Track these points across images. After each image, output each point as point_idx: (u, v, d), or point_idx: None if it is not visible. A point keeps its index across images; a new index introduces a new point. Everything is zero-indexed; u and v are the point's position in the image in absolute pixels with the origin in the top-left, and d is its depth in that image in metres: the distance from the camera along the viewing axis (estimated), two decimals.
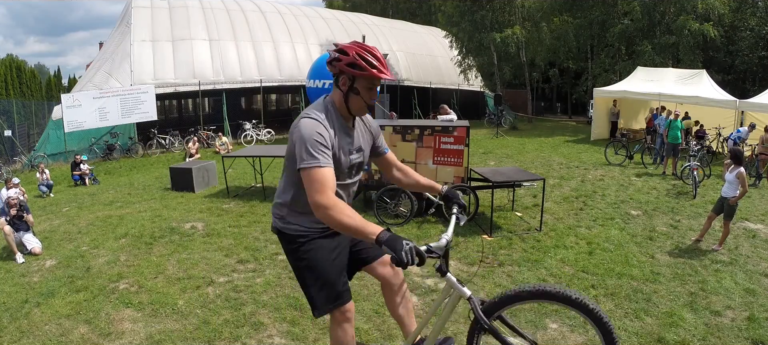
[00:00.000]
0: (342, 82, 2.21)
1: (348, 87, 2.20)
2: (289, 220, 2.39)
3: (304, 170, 2.07)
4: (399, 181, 2.68)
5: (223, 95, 18.90)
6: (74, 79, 35.27)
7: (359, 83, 2.19)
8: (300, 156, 2.07)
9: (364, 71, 2.14)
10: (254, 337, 4.03)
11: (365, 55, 2.15)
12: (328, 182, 2.05)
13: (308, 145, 2.07)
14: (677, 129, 10.95)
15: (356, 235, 2.04)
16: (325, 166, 2.07)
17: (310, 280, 2.39)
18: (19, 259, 6.04)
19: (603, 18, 22.78)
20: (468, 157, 7.40)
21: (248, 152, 10.18)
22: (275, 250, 6.07)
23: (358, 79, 2.18)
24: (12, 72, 26.96)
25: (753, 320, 4.29)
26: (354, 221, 1.99)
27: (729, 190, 6.17)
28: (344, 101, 2.24)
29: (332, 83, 2.31)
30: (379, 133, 2.54)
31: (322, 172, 2.05)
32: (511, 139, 18.21)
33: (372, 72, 2.14)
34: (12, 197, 6.74)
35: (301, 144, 2.08)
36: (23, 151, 16.19)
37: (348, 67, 2.15)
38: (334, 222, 2.00)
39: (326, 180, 2.05)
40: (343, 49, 2.19)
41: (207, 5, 20.24)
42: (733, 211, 6.22)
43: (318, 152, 2.07)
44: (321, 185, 2.03)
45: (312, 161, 2.05)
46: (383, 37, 25.31)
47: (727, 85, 19.90)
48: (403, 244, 1.91)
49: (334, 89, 2.28)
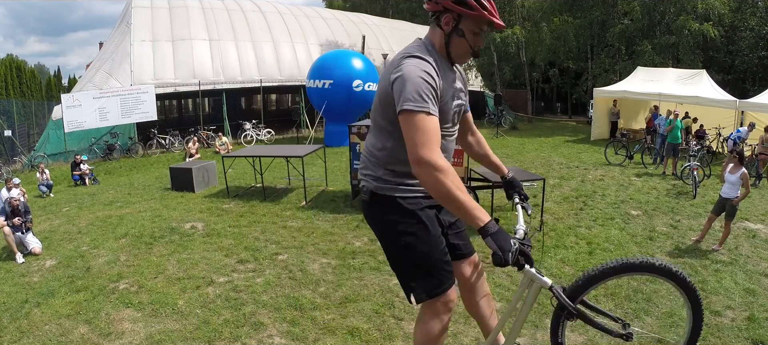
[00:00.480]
0: (445, 20, 1.89)
1: (452, 27, 1.89)
2: (388, 179, 1.94)
3: (408, 113, 1.69)
4: (470, 148, 2.40)
5: (223, 95, 18.90)
6: (74, 79, 35.28)
7: (465, 24, 1.88)
8: (404, 96, 1.71)
9: (473, 10, 1.84)
10: (254, 337, 4.03)
11: None
12: (436, 135, 1.71)
13: (418, 86, 1.71)
14: (677, 129, 10.95)
15: (460, 214, 1.71)
16: (433, 114, 1.72)
17: (414, 260, 1.96)
18: (19, 259, 6.04)
19: (603, 18, 22.77)
20: (468, 157, 7.40)
21: (248, 152, 10.18)
22: (275, 250, 6.08)
23: (465, 19, 1.87)
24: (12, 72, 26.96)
25: (753, 320, 4.29)
26: (465, 197, 1.67)
27: (730, 191, 6.17)
28: (445, 43, 1.92)
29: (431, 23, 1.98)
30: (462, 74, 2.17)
31: (430, 119, 1.70)
32: (511, 139, 18.21)
33: (483, 13, 1.84)
34: (14, 198, 6.69)
35: (406, 83, 1.72)
36: (23, 151, 16.20)
37: (454, 4, 1.84)
38: (441, 189, 1.64)
39: (434, 131, 1.70)
40: None
41: (207, 5, 20.23)
42: (735, 211, 6.23)
43: (427, 97, 1.72)
44: (427, 137, 1.67)
45: (421, 104, 1.70)
46: (383, 37, 25.31)
47: (727, 85, 19.89)
48: (512, 243, 1.68)
49: (431, 28, 1.98)
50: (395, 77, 1.79)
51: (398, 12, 37.15)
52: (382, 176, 1.97)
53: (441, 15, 1.90)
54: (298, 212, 7.89)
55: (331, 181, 10.12)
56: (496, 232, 1.68)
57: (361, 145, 7.65)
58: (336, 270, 5.40)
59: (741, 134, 12.08)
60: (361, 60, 16.87)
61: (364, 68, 16.41)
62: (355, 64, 16.34)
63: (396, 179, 1.97)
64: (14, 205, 6.50)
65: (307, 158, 10.48)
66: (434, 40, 1.95)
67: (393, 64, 1.86)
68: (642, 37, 20.91)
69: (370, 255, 5.84)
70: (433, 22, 1.96)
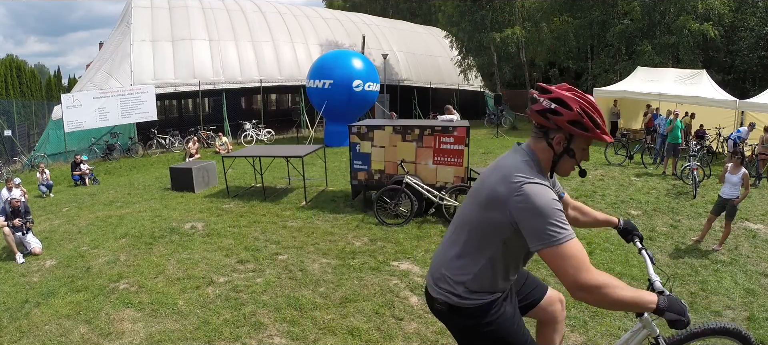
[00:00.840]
0: (556, 140, 1.82)
1: (563, 148, 1.84)
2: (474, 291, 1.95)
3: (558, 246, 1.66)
4: (576, 221, 2.40)
5: (223, 95, 18.90)
6: (74, 79, 35.27)
7: (577, 143, 1.84)
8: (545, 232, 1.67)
9: (589, 132, 1.80)
10: (254, 337, 4.03)
11: (590, 111, 1.80)
12: (586, 257, 1.70)
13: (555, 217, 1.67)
14: (677, 129, 10.95)
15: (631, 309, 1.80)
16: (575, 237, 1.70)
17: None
18: (19, 260, 6.05)
19: (603, 18, 22.77)
20: (468, 157, 7.40)
21: (248, 152, 10.18)
22: (275, 250, 6.08)
23: (577, 139, 1.83)
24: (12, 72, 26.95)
25: (753, 320, 4.29)
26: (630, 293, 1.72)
27: (731, 191, 6.18)
28: (552, 161, 1.86)
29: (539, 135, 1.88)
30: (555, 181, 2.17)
31: (577, 245, 1.68)
32: (511, 139, 18.22)
33: (597, 133, 1.80)
34: (15, 198, 6.67)
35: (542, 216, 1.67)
36: (23, 151, 16.19)
37: (569, 125, 1.78)
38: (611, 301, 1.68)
39: (584, 255, 1.69)
40: (564, 101, 1.78)
41: (207, 5, 20.24)
42: (735, 212, 6.24)
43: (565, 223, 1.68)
44: (581, 261, 1.66)
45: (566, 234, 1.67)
46: (383, 37, 25.32)
47: (727, 85, 19.89)
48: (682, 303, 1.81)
49: (536, 140, 1.87)
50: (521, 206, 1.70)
51: (398, 12, 37.16)
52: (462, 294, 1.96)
53: (551, 132, 1.83)
54: (298, 212, 7.89)
55: (331, 181, 10.12)
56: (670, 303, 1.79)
57: (361, 145, 7.65)
58: (336, 270, 5.40)
59: (741, 134, 12.07)
60: (361, 60, 16.87)
61: (364, 68, 16.41)
62: (355, 64, 16.34)
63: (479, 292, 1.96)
64: (15, 206, 6.50)
65: (307, 158, 10.48)
66: (540, 156, 1.86)
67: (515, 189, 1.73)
68: (642, 37, 20.91)
69: (370, 255, 5.84)
70: (539, 135, 1.86)
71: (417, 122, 9.33)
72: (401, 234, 6.60)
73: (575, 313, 4.41)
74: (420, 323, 4.19)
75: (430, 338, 4.00)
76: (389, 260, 5.71)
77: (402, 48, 25.62)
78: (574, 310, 4.46)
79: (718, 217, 6.31)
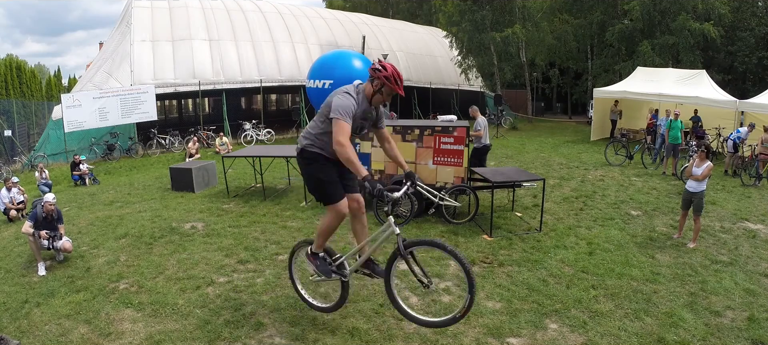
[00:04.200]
0: (375, 83, 3.46)
1: (377, 88, 3.47)
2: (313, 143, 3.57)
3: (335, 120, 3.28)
4: (385, 150, 3.81)
5: (223, 95, 18.89)
6: (74, 79, 35.26)
7: (384, 89, 3.47)
8: (336, 110, 3.29)
9: (390, 83, 3.43)
10: (254, 337, 4.03)
11: (395, 75, 3.43)
12: (347, 130, 3.30)
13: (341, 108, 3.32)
14: (677, 129, 10.94)
15: (351, 167, 3.26)
16: (347, 121, 3.31)
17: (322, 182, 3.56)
18: (40, 271, 5.56)
19: (603, 18, 22.76)
20: (468, 158, 7.40)
21: (248, 152, 10.18)
22: (275, 251, 6.08)
23: (385, 87, 3.45)
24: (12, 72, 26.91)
25: (753, 320, 4.29)
26: (354, 158, 3.24)
27: (697, 186, 6.22)
28: (371, 93, 3.50)
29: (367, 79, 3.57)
30: (383, 116, 3.76)
31: (345, 124, 3.30)
32: (511, 139, 18.21)
33: (394, 86, 3.44)
34: (49, 202, 5.95)
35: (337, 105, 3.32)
36: (23, 151, 16.20)
37: (384, 78, 3.41)
38: (343, 155, 3.23)
39: (347, 129, 3.30)
40: (385, 66, 3.45)
41: (207, 5, 20.22)
42: (702, 206, 6.29)
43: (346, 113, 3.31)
44: (343, 131, 3.27)
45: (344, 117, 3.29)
46: (383, 38, 25.30)
47: (727, 85, 19.86)
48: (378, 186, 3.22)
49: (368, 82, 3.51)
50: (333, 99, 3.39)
51: (398, 12, 37.16)
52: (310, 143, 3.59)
53: (374, 79, 3.46)
54: (298, 212, 7.89)
55: None
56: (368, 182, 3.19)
57: (361, 145, 7.65)
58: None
59: (741, 134, 12.06)
60: (361, 60, 16.80)
61: (364, 68, 16.37)
62: (355, 65, 16.26)
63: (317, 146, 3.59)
64: (48, 211, 5.89)
65: None
66: (366, 90, 3.54)
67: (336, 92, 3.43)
68: (642, 37, 20.90)
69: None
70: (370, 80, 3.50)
71: (417, 122, 9.32)
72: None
73: (575, 313, 4.41)
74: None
75: (430, 338, 4.00)
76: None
77: (402, 48, 25.61)
78: (574, 311, 4.46)
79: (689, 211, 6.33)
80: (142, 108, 16.22)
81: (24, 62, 30.50)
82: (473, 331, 4.14)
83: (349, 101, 3.34)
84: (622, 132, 15.46)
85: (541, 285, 5.02)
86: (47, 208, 5.94)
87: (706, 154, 6.26)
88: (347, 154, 3.20)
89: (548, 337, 4.04)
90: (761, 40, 21.84)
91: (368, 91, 3.49)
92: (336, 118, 3.27)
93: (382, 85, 3.43)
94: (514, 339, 4.04)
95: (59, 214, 6.17)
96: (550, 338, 4.03)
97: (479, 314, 4.38)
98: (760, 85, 19.71)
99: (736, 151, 11.75)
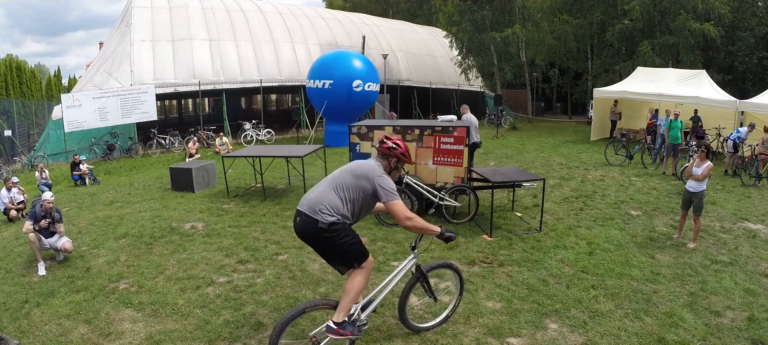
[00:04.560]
0: (392, 161, 3.72)
1: (394, 165, 3.75)
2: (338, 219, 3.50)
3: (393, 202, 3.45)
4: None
5: (223, 95, 18.89)
6: (74, 79, 35.27)
7: (399, 163, 3.77)
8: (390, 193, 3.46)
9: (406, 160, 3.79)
10: (254, 337, 4.03)
11: (406, 151, 3.76)
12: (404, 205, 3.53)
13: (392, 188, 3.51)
14: (677, 129, 10.94)
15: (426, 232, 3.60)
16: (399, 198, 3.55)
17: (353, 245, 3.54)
18: (40, 271, 5.56)
19: (603, 18, 22.76)
20: (467, 158, 7.40)
21: (248, 152, 10.17)
22: (275, 251, 6.08)
23: (400, 161, 3.76)
24: (12, 72, 26.91)
25: (753, 320, 4.29)
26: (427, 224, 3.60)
27: (697, 186, 6.22)
28: (389, 169, 3.72)
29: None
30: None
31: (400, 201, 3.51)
32: (511, 139, 18.21)
33: (409, 160, 3.82)
34: (47, 200, 5.97)
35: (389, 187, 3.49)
36: (23, 151, 16.19)
37: (400, 155, 3.72)
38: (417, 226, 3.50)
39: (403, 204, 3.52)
40: (398, 145, 3.72)
41: (207, 5, 20.22)
42: (702, 206, 6.28)
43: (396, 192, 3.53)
44: (403, 207, 3.49)
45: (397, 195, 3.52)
46: (383, 38, 25.31)
47: (727, 85, 19.86)
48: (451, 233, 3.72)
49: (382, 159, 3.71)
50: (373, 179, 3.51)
51: (398, 12, 37.18)
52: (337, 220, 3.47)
53: (390, 157, 3.71)
54: None
55: None
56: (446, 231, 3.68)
57: (361, 145, 7.65)
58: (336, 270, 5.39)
59: (741, 134, 12.06)
60: (361, 60, 16.87)
61: (364, 68, 16.40)
62: (355, 64, 16.33)
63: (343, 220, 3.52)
64: (47, 209, 5.93)
65: (307, 158, 10.48)
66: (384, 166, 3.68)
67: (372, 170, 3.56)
68: (642, 37, 20.90)
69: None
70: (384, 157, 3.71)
71: (417, 122, 9.32)
72: (401, 234, 6.60)
73: (575, 313, 4.41)
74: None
75: (430, 338, 4.00)
76: (389, 260, 5.71)
77: (402, 48, 25.62)
78: (574, 311, 4.46)
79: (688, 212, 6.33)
80: (142, 108, 16.22)
81: (24, 62, 30.50)
82: (473, 331, 4.14)
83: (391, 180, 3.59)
84: (622, 132, 15.46)
85: (541, 285, 5.02)
86: (46, 206, 5.95)
87: (706, 154, 6.26)
88: (421, 225, 3.49)
89: (548, 337, 4.04)
90: (761, 40, 21.83)
91: (386, 168, 3.70)
92: (394, 200, 3.45)
93: (398, 161, 3.74)
94: (514, 339, 4.04)
95: (59, 213, 6.17)
96: (550, 338, 4.03)
97: (479, 314, 4.39)
98: (760, 85, 19.72)
99: (736, 151, 11.75)
